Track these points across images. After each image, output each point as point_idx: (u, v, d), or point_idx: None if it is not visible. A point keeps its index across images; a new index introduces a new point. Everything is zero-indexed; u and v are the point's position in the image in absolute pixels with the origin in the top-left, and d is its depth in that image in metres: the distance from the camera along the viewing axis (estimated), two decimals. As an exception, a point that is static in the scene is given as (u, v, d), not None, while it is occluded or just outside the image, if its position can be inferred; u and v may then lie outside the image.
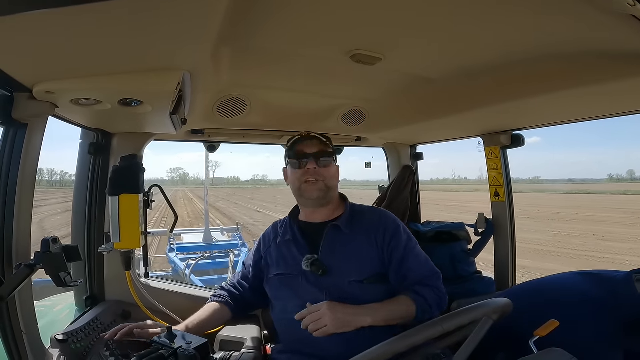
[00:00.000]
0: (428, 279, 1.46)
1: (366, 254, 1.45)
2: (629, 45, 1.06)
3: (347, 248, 1.45)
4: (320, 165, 1.48)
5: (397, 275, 1.44)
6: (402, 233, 1.51)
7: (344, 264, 1.41)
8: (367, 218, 1.54)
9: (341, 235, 1.47)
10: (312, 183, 1.47)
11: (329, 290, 1.38)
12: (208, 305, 1.55)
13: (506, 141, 2.05)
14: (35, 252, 1.13)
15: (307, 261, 1.40)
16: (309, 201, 1.51)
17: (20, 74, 0.99)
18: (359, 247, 1.45)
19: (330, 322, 1.26)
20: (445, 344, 1.13)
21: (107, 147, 1.79)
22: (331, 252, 1.43)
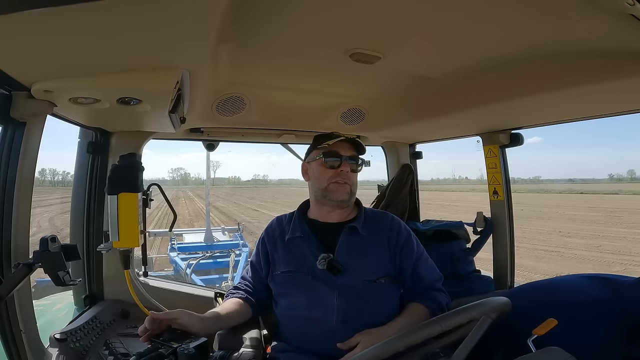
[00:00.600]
0: (437, 282, 1.51)
1: (379, 256, 1.46)
2: (627, 44, 1.06)
3: (363, 249, 1.45)
4: (351, 170, 1.49)
5: (409, 280, 1.47)
6: (413, 239, 1.54)
7: (358, 264, 1.42)
8: (380, 222, 1.55)
9: (357, 236, 1.48)
10: (341, 185, 1.47)
11: (340, 289, 1.38)
12: (233, 300, 1.50)
13: (505, 140, 2.05)
14: (34, 251, 1.13)
15: (323, 260, 1.39)
16: (333, 202, 1.49)
17: (19, 73, 0.99)
18: (373, 248, 1.47)
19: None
20: (443, 343, 1.13)
21: (106, 145, 1.79)
22: (347, 252, 1.43)
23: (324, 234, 1.50)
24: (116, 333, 1.64)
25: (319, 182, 1.50)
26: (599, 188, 64.83)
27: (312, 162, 1.55)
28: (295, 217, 1.58)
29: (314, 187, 1.54)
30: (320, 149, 1.52)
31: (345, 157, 1.48)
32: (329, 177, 1.48)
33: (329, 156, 1.49)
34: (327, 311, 1.36)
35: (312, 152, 1.57)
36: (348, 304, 1.36)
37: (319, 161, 1.51)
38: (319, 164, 1.51)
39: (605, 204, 32.72)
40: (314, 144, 1.57)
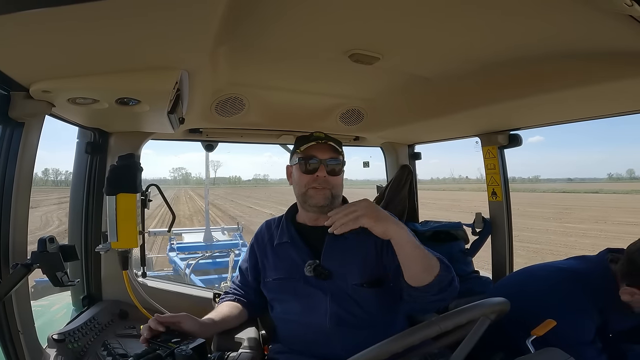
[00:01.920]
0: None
1: (367, 257, 1.41)
2: (626, 45, 1.06)
3: (348, 253, 1.41)
4: (329, 174, 1.41)
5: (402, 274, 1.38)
6: None
7: (346, 268, 1.38)
8: None
9: (343, 240, 1.39)
10: (319, 190, 1.41)
11: (332, 294, 1.36)
12: (227, 303, 1.50)
13: (504, 141, 2.05)
14: (32, 251, 1.12)
15: (309, 267, 1.37)
16: (313, 207, 1.44)
17: (17, 73, 0.99)
18: (360, 251, 1.41)
19: (368, 211, 1.17)
20: (442, 344, 1.13)
21: (105, 146, 1.78)
22: (333, 257, 1.40)
23: (312, 239, 1.47)
24: (114, 334, 1.64)
25: (298, 188, 1.46)
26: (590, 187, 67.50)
27: (293, 165, 1.50)
28: (283, 221, 1.55)
29: (295, 191, 1.50)
30: (298, 153, 1.45)
31: (323, 160, 1.41)
32: (306, 182, 1.42)
33: (305, 160, 1.42)
34: (321, 315, 1.35)
35: (292, 156, 1.51)
36: (340, 307, 1.35)
37: (297, 166, 1.46)
38: (297, 168, 1.46)
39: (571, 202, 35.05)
40: (294, 146, 1.51)
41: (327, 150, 1.43)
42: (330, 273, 1.37)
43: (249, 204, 38.05)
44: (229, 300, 1.53)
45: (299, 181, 1.45)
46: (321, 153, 1.42)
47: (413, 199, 2.51)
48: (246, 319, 1.51)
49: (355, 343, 1.13)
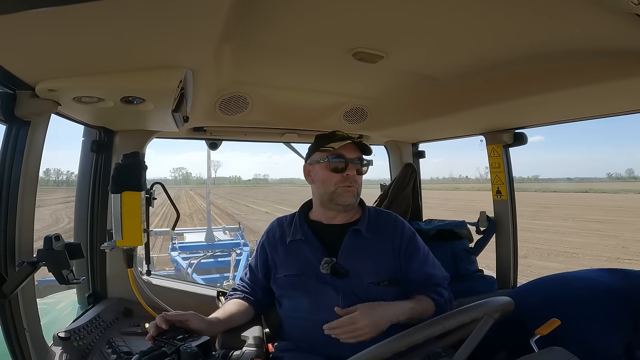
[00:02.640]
0: (445, 281, 1.49)
1: (383, 257, 1.43)
2: (632, 44, 1.05)
3: (366, 251, 1.43)
4: (357, 172, 1.46)
5: (416, 280, 1.44)
6: (418, 239, 1.51)
7: (362, 267, 1.39)
8: (384, 222, 1.51)
9: (361, 238, 1.45)
10: (348, 189, 1.43)
11: (344, 292, 1.36)
12: (234, 301, 1.50)
13: (508, 139, 2.04)
14: (38, 249, 1.13)
15: (326, 264, 1.37)
16: (339, 206, 1.45)
17: (23, 72, 0.99)
18: (376, 250, 1.44)
19: (369, 329, 1.21)
20: (446, 343, 1.13)
21: (109, 144, 1.79)
22: (350, 255, 1.41)
23: (326, 236, 1.48)
24: (119, 331, 1.65)
25: (325, 187, 1.45)
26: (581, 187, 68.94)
27: (315, 164, 1.49)
28: (296, 219, 1.55)
29: (319, 191, 1.49)
30: (324, 152, 1.45)
31: (351, 159, 1.43)
32: (335, 181, 1.43)
33: (334, 159, 1.43)
34: (332, 314, 1.35)
35: (314, 154, 1.50)
36: (352, 306, 1.33)
37: (323, 165, 1.45)
38: (324, 167, 1.45)
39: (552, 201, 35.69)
40: (316, 145, 1.50)
41: (355, 150, 1.46)
42: (347, 271, 1.38)
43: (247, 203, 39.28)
44: (237, 297, 1.52)
45: (327, 180, 1.45)
46: (349, 152, 1.44)
47: (417, 198, 2.50)
48: (253, 317, 1.51)
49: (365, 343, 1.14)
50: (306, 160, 1.56)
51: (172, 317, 1.22)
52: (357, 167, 1.45)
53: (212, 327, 1.30)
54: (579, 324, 1.26)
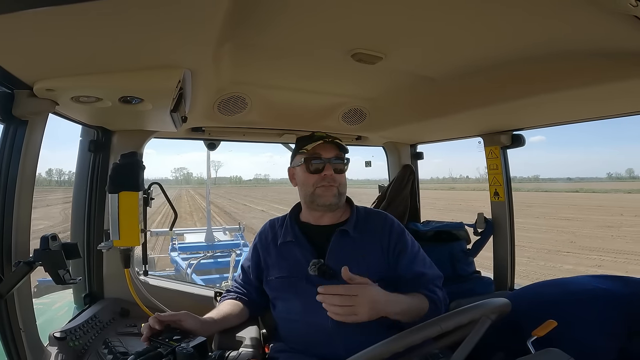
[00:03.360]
0: (438, 280, 1.46)
1: (372, 258, 1.42)
2: (631, 45, 1.05)
3: (354, 252, 1.41)
4: (335, 172, 1.44)
5: (406, 278, 1.41)
6: (407, 236, 1.50)
7: (351, 268, 1.33)
8: (373, 222, 1.50)
9: (348, 239, 1.44)
10: (327, 189, 1.43)
11: None
12: (228, 301, 1.50)
13: (506, 141, 2.04)
14: (35, 249, 1.13)
15: (314, 266, 1.36)
16: (322, 207, 1.45)
17: (21, 72, 0.99)
18: (365, 251, 1.42)
19: (364, 310, 1.16)
20: (443, 344, 1.13)
21: (107, 144, 1.79)
22: (338, 256, 1.40)
23: (316, 238, 1.47)
24: (116, 332, 1.64)
25: (306, 188, 1.47)
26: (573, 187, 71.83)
27: (296, 167, 1.51)
28: (287, 220, 1.55)
29: (301, 192, 1.50)
30: (302, 154, 1.46)
31: (328, 159, 1.43)
32: (314, 181, 1.44)
33: (310, 160, 1.44)
34: (323, 315, 1.33)
35: (295, 157, 1.52)
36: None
37: (302, 167, 1.47)
38: (303, 169, 1.47)
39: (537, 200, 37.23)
40: (296, 147, 1.52)
41: (332, 149, 1.45)
42: (335, 272, 1.36)
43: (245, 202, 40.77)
44: (230, 298, 1.53)
45: (306, 181, 1.46)
46: (325, 152, 1.44)
47: (415, 199, 2.50)
48: (247, 317, 1.51)
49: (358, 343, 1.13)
50: (290, 164, 1.57)
51: (165, 317, 1.22)
52: (335, 166, 1.44)
53: (207, 327, 1.30)
54: (575, 326, 1.26)
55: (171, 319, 1.22)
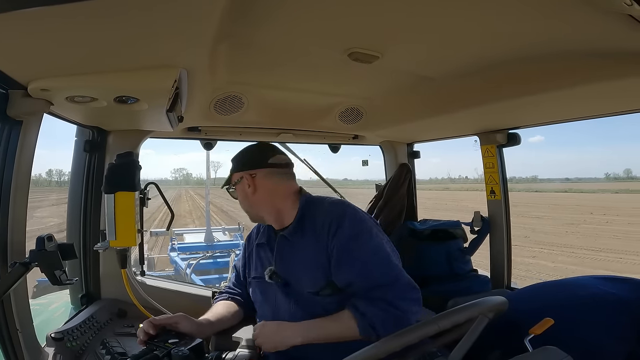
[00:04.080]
0: (376, 290, 1.21)
1: (316, 262, 1.28)
2: (625, 44, 1.06)
3: (297, 258, 1.33)
4: (235, 197, 1.50)
5: (340, 282, 1.25)
6: (347, 227, 1.26)
7: (296, 276, 1.33)
8: (318, 217, 1.32)
9: (289, 245, 1.35)
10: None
11: (295, 299, 1.32)
12: (222, 303, 1.50)
13: (502, 140, 2.05)
14: (30, 250, 1.12)
15: (268, 272, 1.36)
16: None
17: (15, 71, 0.98)
18: (308, 256, 1.30)
19: (264, 344, 1.25)
20: (441, 343, 1.13)
21: (103, 144, 1.78)
22: (284, 263, 1.36)
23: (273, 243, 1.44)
24: (113, 332, 1.63)
25: None
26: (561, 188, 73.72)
27: None
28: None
29: None
30: None
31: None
32: None
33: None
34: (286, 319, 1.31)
35: None
36: (305, 312, 1.29)
37: None
38: None
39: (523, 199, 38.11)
40: None
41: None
42: (284, 280, 1.34)
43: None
44: (223, 299, 1.53)
45: None
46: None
47: (412, 198, 2.51)
48: (242, 317, 1.51)
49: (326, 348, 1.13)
50: None
51: (161, 320, 1.22)
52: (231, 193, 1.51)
53: (202, 329, 1.30)
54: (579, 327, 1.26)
55: (166, 321, 1.22)
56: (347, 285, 1.24)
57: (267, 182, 1.40)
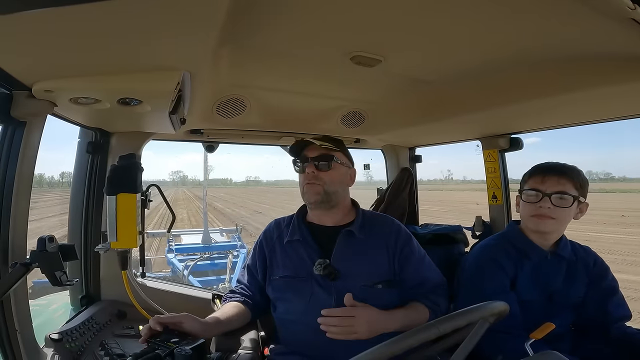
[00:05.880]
0: (441, 286, 1.51)
1: (377, 260, 1.44)
2: (628, 48, 1.06)
3: (360, 253, 1.44)
4: (319, 169, 1.47)
5: (412, 283, 1.45)
6: (414, 242, 1.53)
7: (356, 269, 1.41)
8: (379, 225, 1.53)
9: (354, 240, 1.46)
10: (311, 186, 1.47)
11: (337, 294, 1.35)
12: (232, 304, 1.50)
13: (504, 144, 2.05)
14: (31, 250, 1.13)
15: (319, 266, 1.37)
16: (310, 204, 1.51)
17: (20, 73, 0.99)
18: (371, 253, 1.45)
19: (364, 329, 1.23)
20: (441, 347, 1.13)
21: (106, 146, 1.78)
22: (343, 257, 1.42)
23: (321, 237, 1.49)
24: (112, 334, 1.63)
25: (300, 188, 1.53)
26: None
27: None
28: (294, 220, 1.56)
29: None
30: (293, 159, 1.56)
31: (309, 158, 1.48)
32: (301, 181, 1.51)
33: (295, 163, 1.54)
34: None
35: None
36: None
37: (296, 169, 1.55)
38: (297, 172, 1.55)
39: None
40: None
41: (315, 150, 1.50)
42: (339, 273, 1.38)
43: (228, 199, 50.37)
44: (236, 300, 1.52)
45: (299, 182, 1.53)
46: (310, 152, 1.50)
47: (413, 202, 2.50)
48: (249, 320, 1.50)
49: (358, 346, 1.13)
50: None
51: (166, 319, 1.22)
52: (317, 164, 1.48)
53: (208, 329, 1.29)
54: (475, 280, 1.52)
55: (172, 320, 1.22)
56: (420, 283, 1.46)
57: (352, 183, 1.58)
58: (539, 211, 1.42)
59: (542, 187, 1.42)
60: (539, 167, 1.47)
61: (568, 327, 1.50)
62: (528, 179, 1.49)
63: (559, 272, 1.48)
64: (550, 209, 1.40)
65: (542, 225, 1.43)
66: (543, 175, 1.43)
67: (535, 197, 1.42)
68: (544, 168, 1.46)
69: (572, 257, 1.49)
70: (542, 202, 1.41)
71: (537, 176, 1.45)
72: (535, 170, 1.48)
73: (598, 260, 1.53)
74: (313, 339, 1.33)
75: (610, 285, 1.48)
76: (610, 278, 1.49)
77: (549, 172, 1.43)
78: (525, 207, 1.47)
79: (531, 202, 1.44)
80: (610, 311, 1.43)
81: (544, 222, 1.42)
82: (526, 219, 1.49)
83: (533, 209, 1.43)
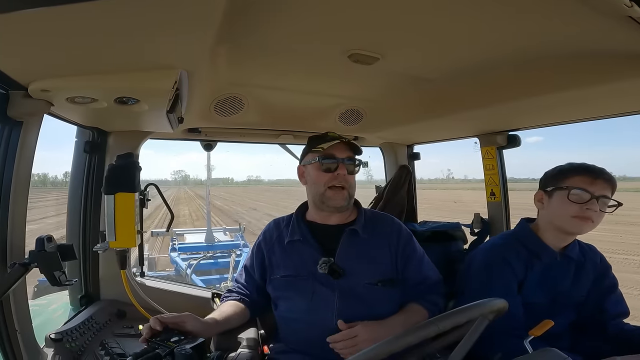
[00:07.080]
0: (439, 285, 1.52)
1: (380, 258, 1.45)
2: (625, 46, 1.06)
3: (363, 252, 1.44)
4: (348, 172, 1.45)
5: (413, 282, 1.46)
6: (414, 241, 1.54)
7: (359, 267, 1.41)
8: (381, 223, 1.53)
9: (358, 239, 1.46)
10: (338, 191, 1.43)
11: (340, 292, 1.36)
12: (230, 302, 1.49)
13: (502, 141, 2.05)
14: (30, 250, 1.12)
15: (324, 264, 1.37)
16: (331, 208, 1.46)
17: (16, 72, 0.98)
18: (374, 251, 1.45)
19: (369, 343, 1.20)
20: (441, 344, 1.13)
21: (103, 145, 1.78)
22: (347, 256, 1.42)
23: (323, 237, 1.48)
24: (112, 333, 1.63)
25: (317, 187, 1.46)
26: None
27: (307, 165, 1.51)
28: (293, 219, 1.55)
29: (311, 191, 1.49)
30: (315, 152, 1.47)
31: (341, 159, 1.43)
32: (325, 181, 1.44)
33: (324, 159, 1.44)
34: (328, 314, 1.34)
35: (307, 155, 1.52)
36: (348, 306, 1.35)
37: (315, 165, 1.47)
38: (315, 167, 1.46)
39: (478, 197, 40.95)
40: (309, 146, 1.52)
41: (345, 150, 1.46)
42: (344, 271, 1.38)
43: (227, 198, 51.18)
44: (233, 299, 1.52)
45: (317, 180, 1.46)
46: (339, 152, 1.45)
47: (412, 199, 2.51)
48: (248, 319, 1.50)
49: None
50: (300, 162, 1.57)
51: (167, 319, 1.22)
52: (348, 166, 1.45)
53: (208, 329, 1.29)
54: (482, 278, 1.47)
55: (173, 320, 1.22)
56: (421, 282, 1.47)
57: None
58: (585, 213, 1.33)
59: (592, 188, 1.33)
60: (587, 168, 1.38)
61: (567, 325, 1.50)
62: (572, 177, 1.38)
63: (567, 274, 1.46)
64: (596, 213, 1.33)
65: (584, 227, 1.36)
66: (594, 177, 1.35)
67: (585, 198, 1.33)
68: (594, 170, 1.37)
69: (580, 257, 1.48)
70: (590, 204, 1.33)
71: (587, 177, 1.36)
72: (583, 170, 1.38)
73: (602, 259, 1.53)
74: (316, 337, 1.33)
75: (610, 283, 1.48)
76: (611, 276, 1.49)
77: (600, 176, 1.35)
78: (569, 207, 1.36)
79: (578, 202, 1.34)
80: (607, 308, 1.44)
81: (587, 224, 1.35)
82: (563, 219, 1.39)
83: (578, 210, 1.34)
